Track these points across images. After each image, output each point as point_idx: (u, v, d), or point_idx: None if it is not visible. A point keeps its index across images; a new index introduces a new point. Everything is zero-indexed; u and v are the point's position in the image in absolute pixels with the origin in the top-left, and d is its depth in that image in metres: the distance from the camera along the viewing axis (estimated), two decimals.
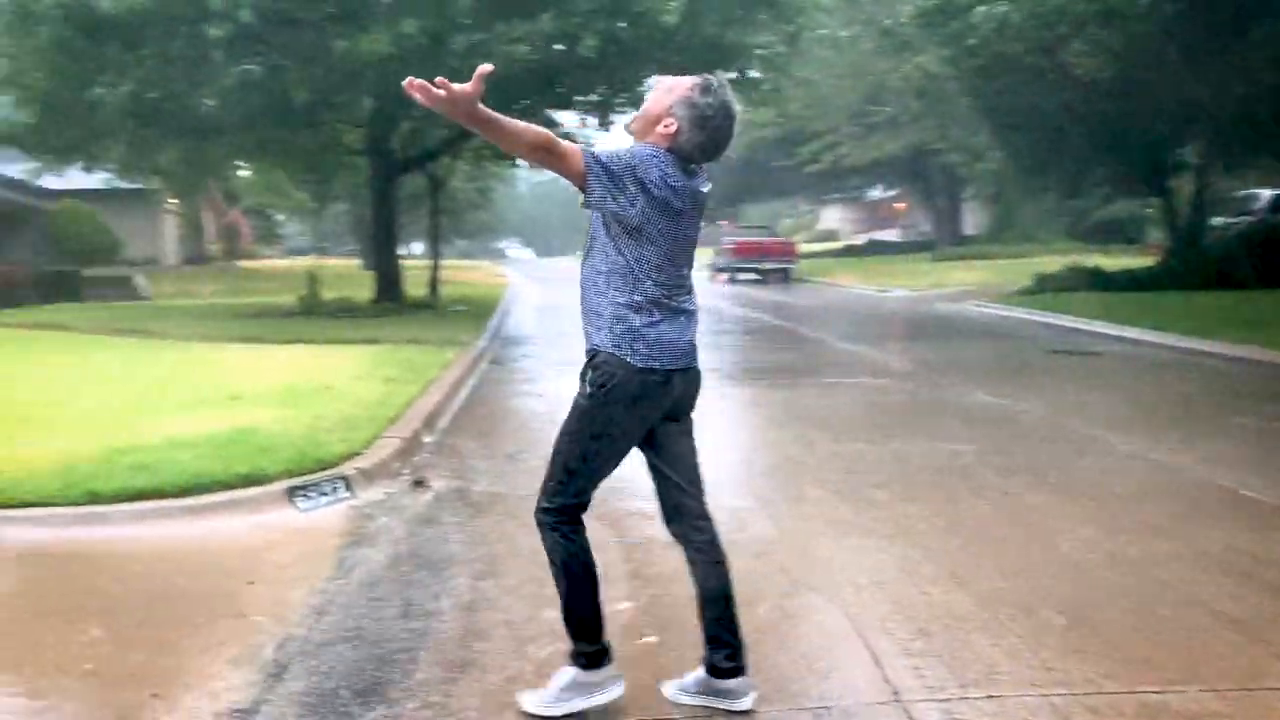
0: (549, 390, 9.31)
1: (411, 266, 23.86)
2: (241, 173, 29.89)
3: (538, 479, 3.09)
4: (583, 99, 18.39)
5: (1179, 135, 20.25)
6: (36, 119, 15.75)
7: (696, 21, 14.63)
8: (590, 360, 2.92)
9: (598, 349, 2.89)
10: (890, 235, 49.32)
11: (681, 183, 2.83)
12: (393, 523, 5.14)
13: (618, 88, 17.90)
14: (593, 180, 2.71)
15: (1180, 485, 5.75)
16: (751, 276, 31.42)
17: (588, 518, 3.04)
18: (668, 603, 3.90)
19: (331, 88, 13.81)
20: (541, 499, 3.00)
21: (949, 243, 37.54)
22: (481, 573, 4.34)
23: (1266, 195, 23.29)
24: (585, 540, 3.00)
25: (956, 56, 17.98)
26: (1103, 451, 6.63)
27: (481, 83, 2.51)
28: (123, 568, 4.53)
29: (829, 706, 3.06)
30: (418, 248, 46.20)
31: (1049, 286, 19.81)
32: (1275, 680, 3.21)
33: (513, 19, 13.73)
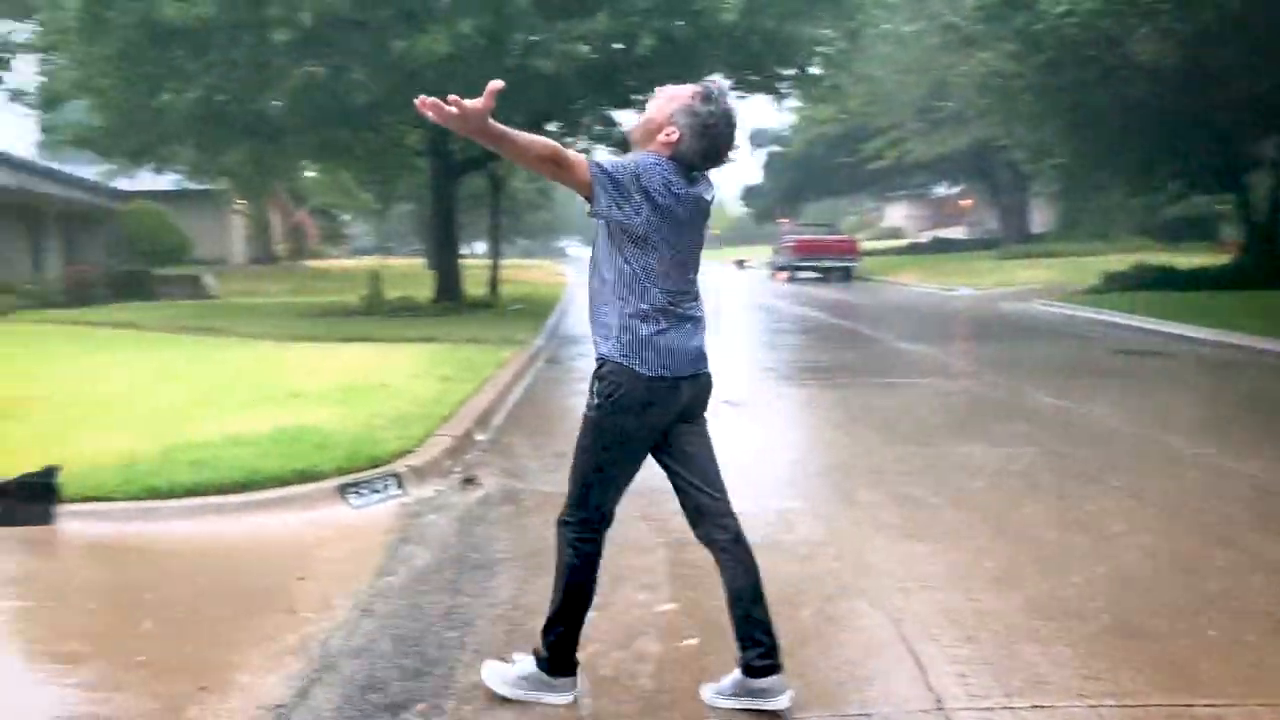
0: None
1: (472, 266, 24.08)
2: (308, 174, 30.45)
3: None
4: (641, 98, 18.39)
5: (1254, 129, 19.63)
6: (108, 123, 16.20)
7: (755, 18, 14.53)
8: (597, 370, 2.94)
9: (605, 359, 2.92)
10: (956, 233, 48.64)
11: (684, 190, 2.86)
12: (442, 520, 5.19)
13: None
14: (598, 190, 2.75)
15: (1245, 492, 5.58)
16: (812, 274, 31.23)
17: (633, 519, 3.06)
18: (711, 605, 3.87)
19: (391, 89, 13.97)
20: (564, 510, 3.07)
21: (1015, 240, 36.89)
22: (528, 572, 4.35)
23: None
24: (597, 558, 3.06)
25: (1021, 52, 17.61)
26: (1166, 455, 6.47)
27: (492, 99, 2.54)
28: (178, 562, 4.63)
29: (869, 714, 3.02)
30: (480, 247, 46.63)
31: (1116, 285, 19.39)
32: None
33: (570, 18, 13.79)
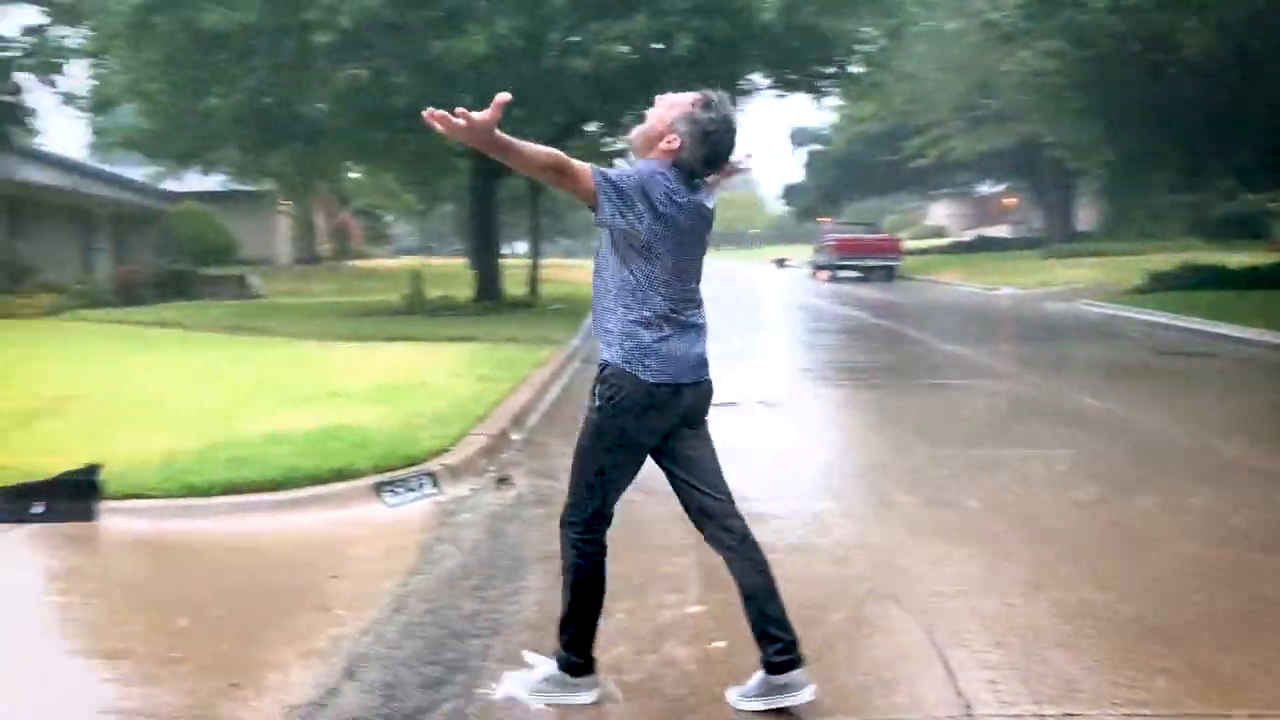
0: None
1: (513, 266, 24.19)
2: (351, 175, 30.76)
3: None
4: None
5: None
6: (156, 126, 16.49)
7: (793, 14, 14.45)
8: (599, 374, 2.98)
9: (608, 363, 2.96)
10: (1000, 232, 48.06)
11: (686, 198, 2.91)
12: (476, 519, 5.21)
13: (716, 85, 17.82)
14: (602, 198, 2.77)
15: None
16: (853, 274, 31.02)
17: (665, 521, 3.08)
18: (740, 608, 3.86)
19: (430, 91, 14.08)
20: (565, 511, 3.13)
21: (1061, 239, 36.37)
22: (558, 574, 4.35)
23: None
24: (601, 557, 3.11)
25: (1064, 49, 17.34)
26: (1209, 460, 6.35)
27: (499, 111, 2.57)
28: (214, 559, 4.70)
29: (896, 719, 2.99)
30: (521, 247, 46.85)
31: (1163, 285, 19.01)
32: None
33: (607, 18, 13.81)
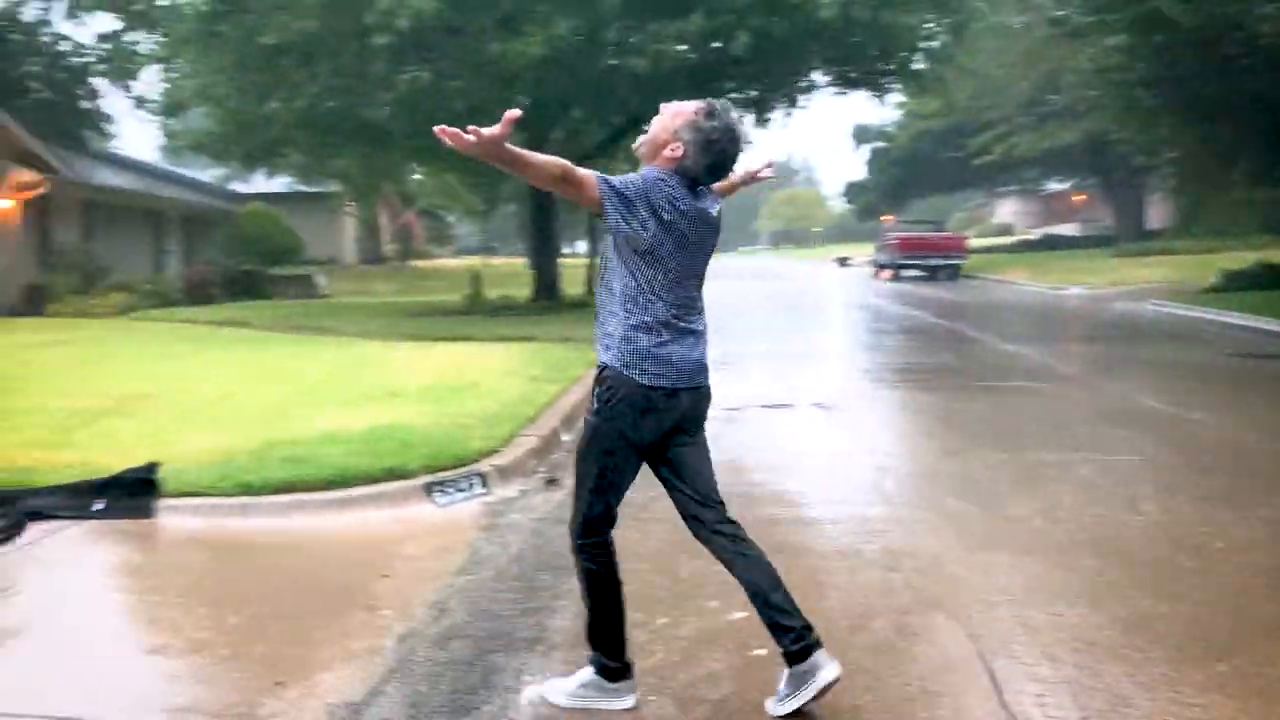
0: None
1: (573, 265, 24.28)
2: (415, 176, 31.13)
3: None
4: (739, 97, 18.30)
5: None
6: (223, 129, 16.86)
7: (852, 10, 14.29)
8: (598, 377, 3.02)
9: (606, 366, 2.99)
10: (1068, 230, 47.09)
11: (689, 205, 2.94)
12: (523, 520, 5.23)
13: (775, 84, 17.72)
14: (607, 204, 2.83)
15: None
16: (917, 273, 30.63)
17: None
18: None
19: (489, 93, 14.19)
20: (571, 519, 3.14)
21: (1131, 237, 35.55)
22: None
23: None
24: (613, 560, 3.11)
25: (1132, 43, 16.89)
26: None
27: (509, 127, 2.63)
28: (267, 557, 4.78)
29: None
30: (582, 246, 47.03)
31: (1237, 284, 18.46)
32: None
33: (663, 18, 13.78)
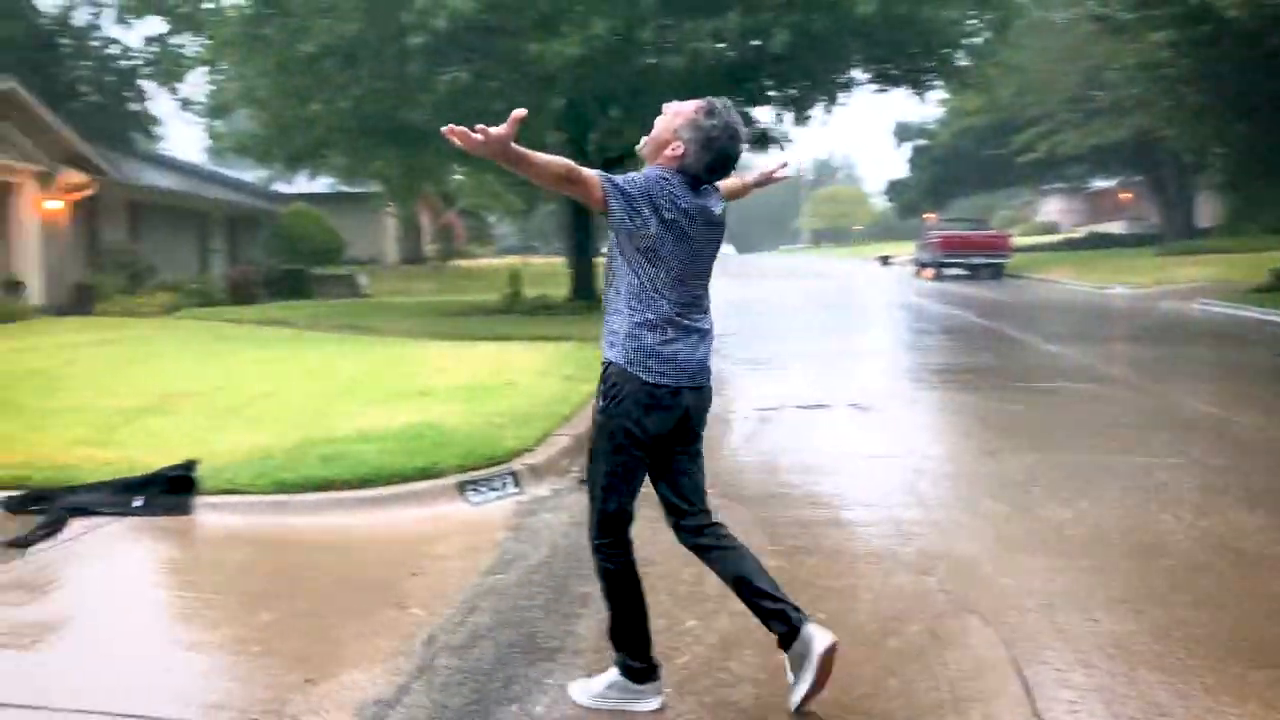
0: (728, 390, 9.23)
1: None
2: (456, 176, 31.28)
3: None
4: (778, 94, 18.20)
5: None
6: (266, 131, 17.06)
7: (891, 6, 14.15)
8: (602, 374, 3.06)
9: (610, 363, 3.02)
10: (1114, 228, 46.35)
11: (691, 202, 2.97)
12: (555, 520, 5.24)
13: (814, 81, 17.60)
14: (611, 202, 2.86)
15: None
16: (959, 271, 30.29)
17: (748, 525, 3.08)
18: (818, 619, 3.78)
19: (527, 93, 14.23)
20: (589, 521, 3.17)
21: (1179, 235, 34.89)
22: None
23: None
24: (630, 560, 3.14)
25: (1178, 38, 16.57)
26: None
27: (514, 127, 2.66)
28: (301, 555, 4.81)
29: None
30: None
31: None
32: None
33: (699, 16, 13.74)
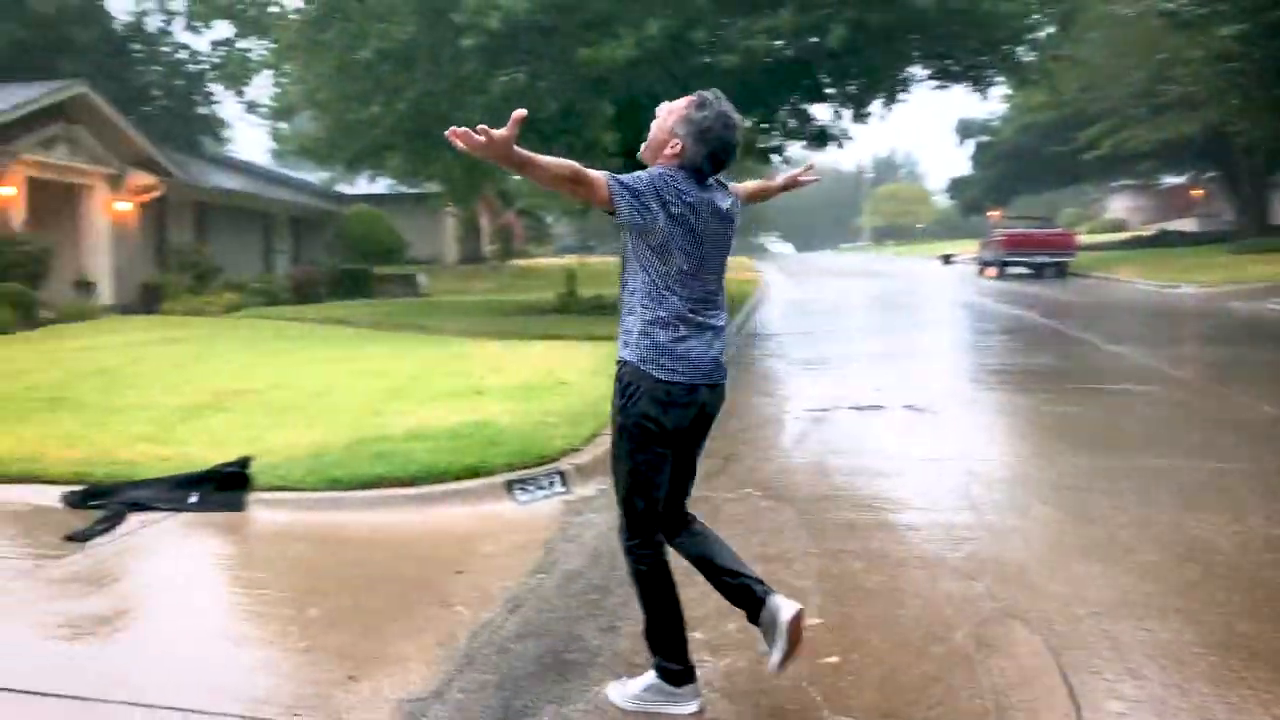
0: (782, 391, 9.18)
1: None
2: (514, 177, 31.50)
3: (747, 483, 3.18)
4: (834, 91, 18.03)
5: None
6: (327, 133, 17.35)
7: None
8: (617, 374, 3.06)
9: (625, 361, 3.03)
10: (1186, 225, 45.16)
11: (696, 196, 2.96)
12: (600, 520, 5.23)
13: (872, 78, 17.39)
14: (619, 200, 2.85)
15: None
16: (1023, 270, 29.76)
17: (792, 528, 3.03)
18: (858, 622, 3.75)
19: (580, 94, 14.28)
20: (620, 524, 3.16)
21: (1253, 233, 33.83)
22: (678, 577, 4.31)
23: None
24: (662, 561, 3.14)
25: (1248, 32, 16.08)
26: None
27: (516, 128, 2.65)
28: (350, 552, 4.87)
29: None
30: None
31: None
32: None
33: (752, 14, 13.65)
